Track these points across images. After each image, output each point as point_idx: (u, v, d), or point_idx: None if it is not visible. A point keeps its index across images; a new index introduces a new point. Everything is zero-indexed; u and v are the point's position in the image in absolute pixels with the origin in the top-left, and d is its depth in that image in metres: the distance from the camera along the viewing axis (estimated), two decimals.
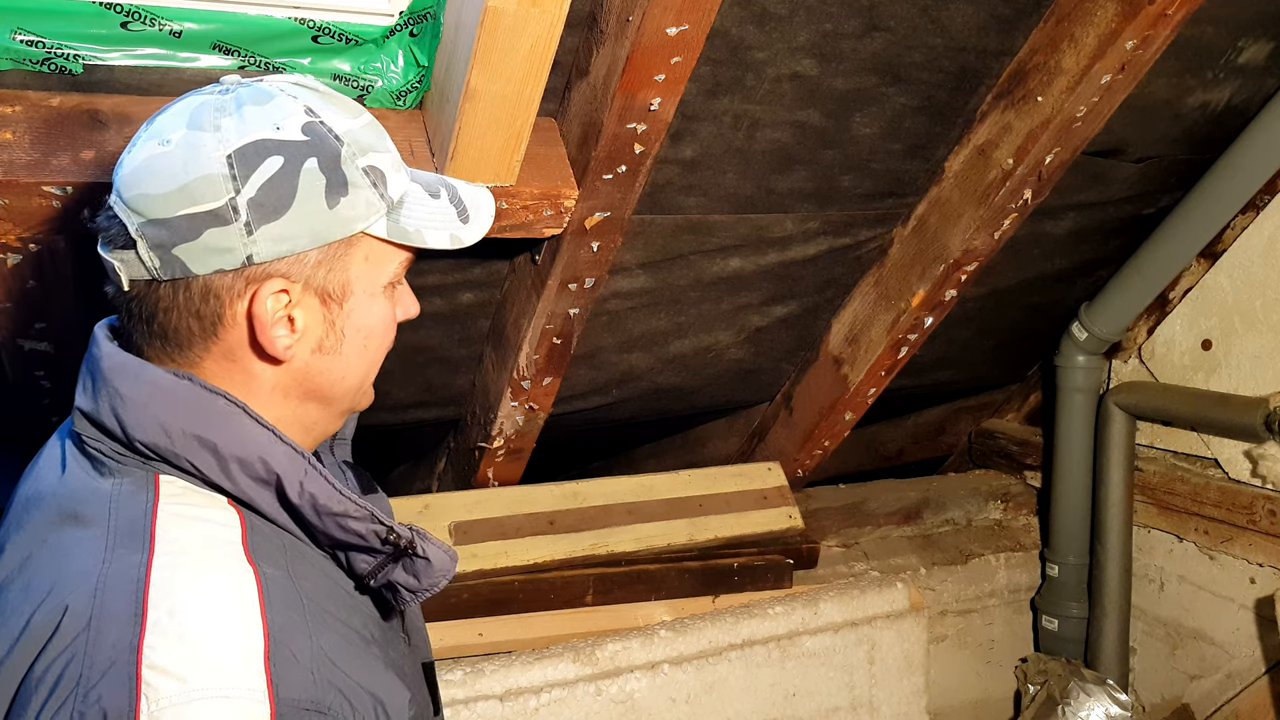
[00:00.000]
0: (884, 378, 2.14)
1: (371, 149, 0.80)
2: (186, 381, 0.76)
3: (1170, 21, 1.54)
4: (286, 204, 0.75)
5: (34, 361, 1.40)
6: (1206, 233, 2.18)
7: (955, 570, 2.58)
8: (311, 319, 0.79)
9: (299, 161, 0.76)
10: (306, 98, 0.80)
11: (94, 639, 0.67)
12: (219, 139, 0.75)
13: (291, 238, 0.76)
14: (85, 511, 0.75)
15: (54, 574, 0.72)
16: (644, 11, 1.21)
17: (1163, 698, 2.55)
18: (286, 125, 0.76)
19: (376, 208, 0.79)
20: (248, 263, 0.75)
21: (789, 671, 2.12)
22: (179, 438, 0.75)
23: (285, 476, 0.76)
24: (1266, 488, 2.26)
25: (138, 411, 0.75)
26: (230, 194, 0.74)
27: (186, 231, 0.74)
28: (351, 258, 0.80)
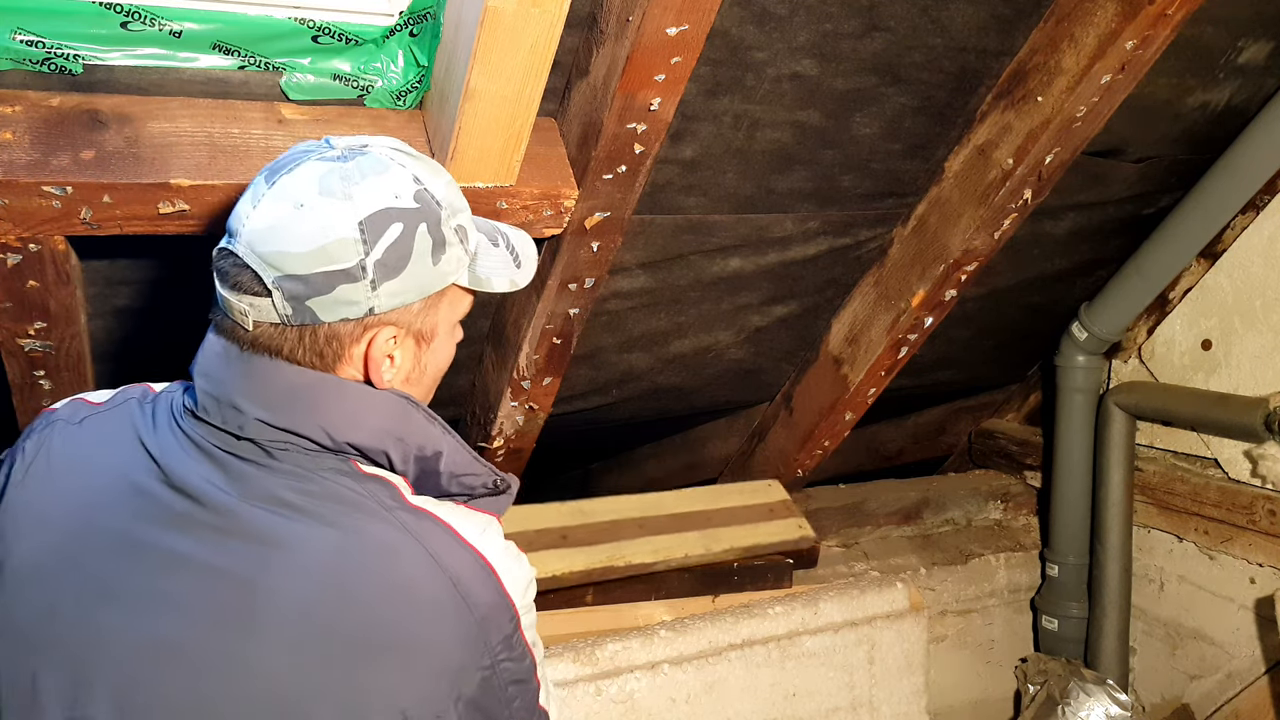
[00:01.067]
0: (884, 378, 2.14)
1: (459, 210, 0.94)
2: (383, 394, 0.92)
3: (1170, 21, 1.54)
4: (404, 264, 0.88)
5: (34, 361, 1.40)
6: (1206, 233, 2.18)
7: (955, 570, 2.58)
8: (406, 356, 0.93)
9: (414, 226, 0.88)
10: (412, 166, 0.91)
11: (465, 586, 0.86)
12: (352, 207, 0.86)
13: (405, 292, 0.89)
14: (348, 500, 0.88)
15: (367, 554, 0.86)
16: (644, 11, 1.21)
17: (1163, 698, 2.55)
18: (403, 194, 0.89)
19: (463, 261, 0.94)
20: (369, 314, 0.88)
21: (789, 671, 2.12)
22: (383, 436, 0.90)
23: (444, 453, 0.93)
24: (1266, 488, 2.26)
25: (350, 420, 0.89)
26: (361, 255, 0.86)
27: (321, 286, 0.86)
28: (441, 304, 0.94)
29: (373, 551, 0.86)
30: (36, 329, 1.34)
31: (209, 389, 0.89)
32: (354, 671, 0.83)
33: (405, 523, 0.88)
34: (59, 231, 1.21)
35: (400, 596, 0.85)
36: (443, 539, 0.88)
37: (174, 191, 1.21)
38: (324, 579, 0.84)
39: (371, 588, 0.85)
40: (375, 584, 0.85)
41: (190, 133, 1.23)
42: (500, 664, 0.88)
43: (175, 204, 1.22)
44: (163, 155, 1.21)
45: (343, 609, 0.84)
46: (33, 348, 1.37)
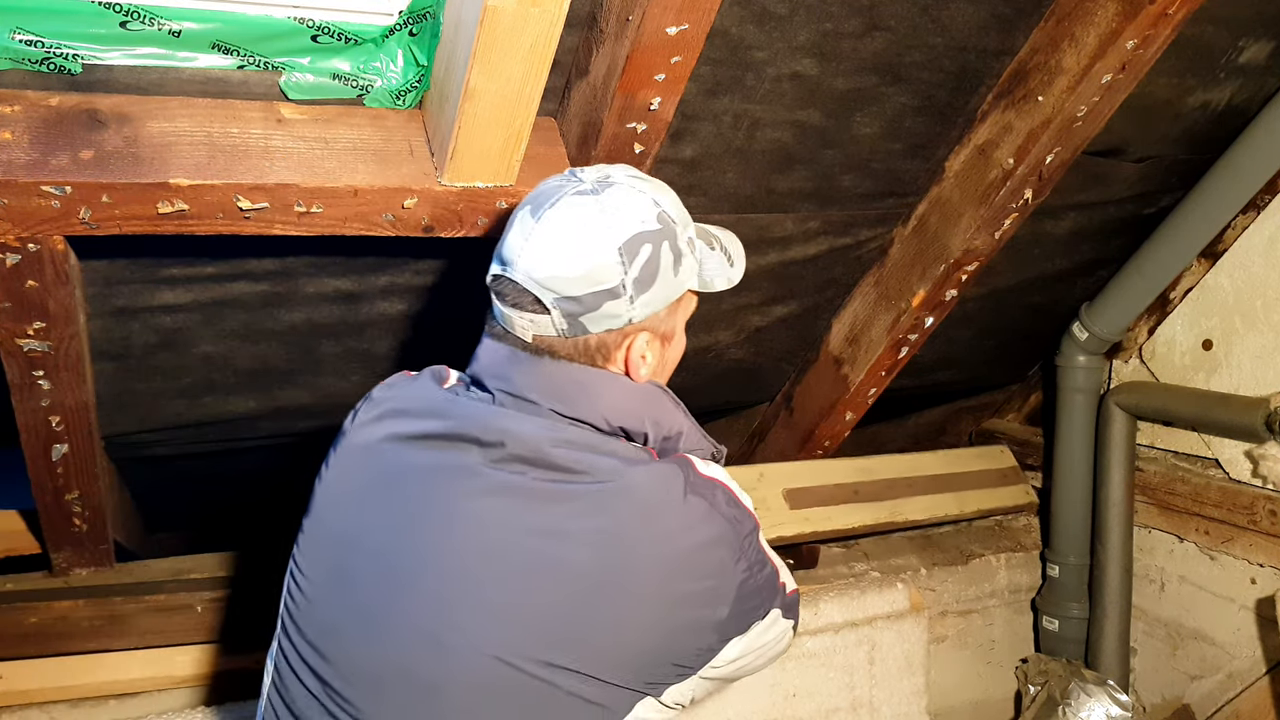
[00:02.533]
0: (884, 378, 2.14)
1: (688, 223, 1.09)
2: (645, 386, 1.09)
3: (1171, 21, 1.53)
4: (654, 278, 1.04)
5: (33, 361, 1.40)
6: (1207, 233, 2.17)
7: (955, 570, 2.57)
8: (654, 354, 1.09)
9: (659, 245, 1.03)
10: (649, 190, 1.06)
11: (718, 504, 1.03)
12: (611, 234, 1.01)
13: (655, 302, 1.05)
14: (626, 455, 1.03)
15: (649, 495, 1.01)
16: (644, 11, 1.21)
17: (1163, 698, 2.55)
18: (648, 218, 1.04)
19: (694, 269, 1.09)
20: (629, 323, 1.05)
21: (789, 672, 2.12)
22: (644, 420, 1.07)
23: (684, 433, 1.11)
24: (1267, 488, 2.26)
25: (622, 408, 1.06)
26: (622, 276, 1.02)
27: (591, 304, 1.02)
28: (680, 308, 1.11)
29: (658, 476, 1.01)
30: (35, 329, 1.34)
31: (504, 387, 1.05)
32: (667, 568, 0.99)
33: (665, 462, 1.04)
34: (58, 231, 1.21)
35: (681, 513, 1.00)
36: (692, 469, 1.04)
37: (173, 191, 1.21)
38: (634, 497, 0.99)
39: (665, 505, 1.00)
40: (667, 500, 1.00)
41: (189, 132, 1.23)
42: (754, 567, 1.03)
43: (174, 204, 1.22)
44: (162, 155, 1.21)
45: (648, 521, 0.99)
46: (32, 348, 1.37)
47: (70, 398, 1.48)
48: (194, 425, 1.77)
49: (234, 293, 1.54)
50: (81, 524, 1.71)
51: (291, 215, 1.28)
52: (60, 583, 1.82)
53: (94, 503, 1.68)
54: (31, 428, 1.50)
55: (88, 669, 1.79)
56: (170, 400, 1.69)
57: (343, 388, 1.80)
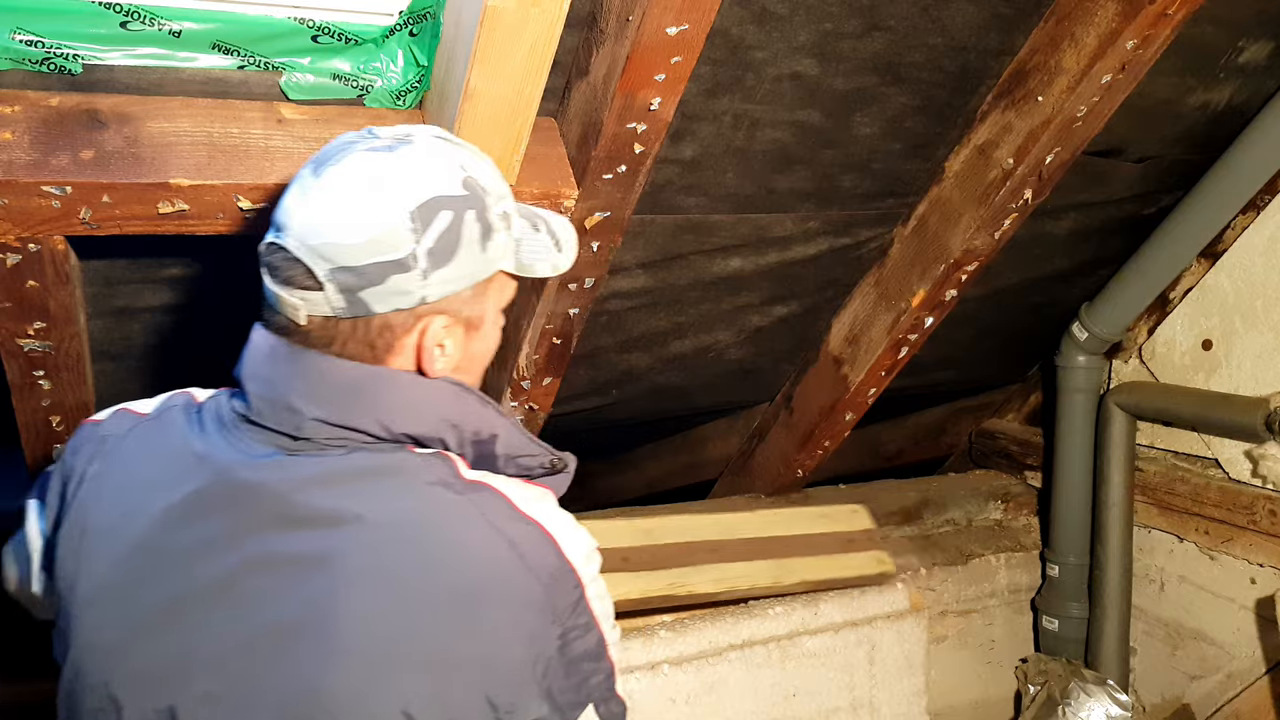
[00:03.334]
0: (884, 378, 2.14)
1: (503, 195, 0.94)
2: (435, 383, 0.91)
3: (1170, 21, 1.53)
4: (454, 252, 0.88)
5: (33, 361, 1.40)
6: (1207, 233, 2.17)
7: (955, 570, 2.57)
8: (456, 344, 0.93)
9: (462, 213, 0.88)
10: (457, 153, 0.92)
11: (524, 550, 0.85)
12: (402, 196, 0.86)
13: (456, 280, 0.89)
14: (394, 469, 0.88)
15: (432, 530, 0.85)
16: (644, 11, 1.21)
17: (1163, 698, 2.55)
18: (450, 182, 0.88)
19: (509, 247, 0.94)
20: (421, 303, 0.88)
21: (789, 672, 2.12)
22: (437, 424, 0.90)
23: (500, 435, 0.93)
24: (1267, 488, 2.26)
25: (403, 410, 0.89)
26: (413, 245, 0.85)
27: (374, 277, 0.85)
28: (490, 292, 0.95)
29: (436, 512, 0.86)
30: (36, 329, 1.34)
31: (261, 391, 0.88)
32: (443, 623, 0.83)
33: (461, 491, 0.87)
34: (58, 231, 1.21)
35: (464, 556, 0.84)
36: (498, 506, 0.87)
37: (173, 191, 1.21)
38: (395, 540, 0.83)
39: (440, 547, 0.84)
40: (442, 544, 0.84)
41: (190, 132, 1.23)
42: (570, 634, 0.87)
43: (175, 204, 1.22)
44: (162, 155, 1.21)
45: (420, 569, 0.83)
46: (32, 348, 1.37)
47: (71, 398, 1.48)
48: None
49: (235, 293, 1.54)
50: None
51: None
52: None
53: None
54: (32, 428, 1.50)
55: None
56: None
57: None
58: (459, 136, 1.27)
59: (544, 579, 0.85)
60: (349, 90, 1.31)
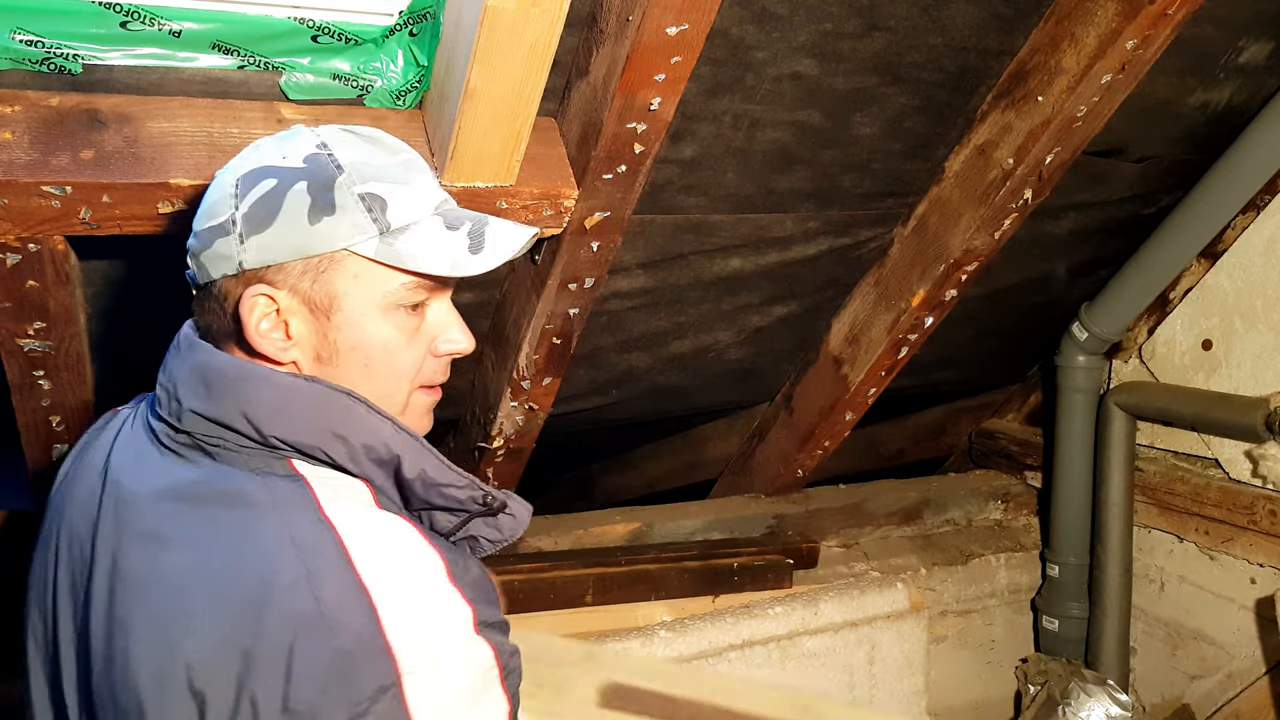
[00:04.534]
0: (884, 378, 2.14)
1: (376, 179, 0.88)
2: (314, 384, 0.86)
3: (1170, 21, 1.53)
4: (271, 218, 0.85)
5: (33, 361, 1.40)
6: (1207, 233, 2.17)
7: (955, 570, 2.57)
8: (305, 329, 0.88)
9: (289, 183, 0.86)
10: (330, 135, 0.90)
11: (316, 585, 0.76)
12: (236, 165, 0.89)
13: (273, 248, 0.85)
14: (241, 493, 0.83)
15: (242, 552, 0.79)
16: (644, 11, 1.21)
17: (1163, 698, 2.55)
18: (291, 154, 0.88)
19: (365, 230, 0.87)
20: (240, 268, 0.86)
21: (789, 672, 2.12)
22: (316, 432, 0.85)
23: (404, 456, 0.87)
24: (1267, 488, 2.26)
25: (273, 411, 0.84)
26: (232, 209, 0.86)
27: (206, 241, 0.88)
28: (336, 272, 0.87)
29: (244, 553, 0.78)
30: (36, 329, 1.34)
31: (162, 380, 0.90)
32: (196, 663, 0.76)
33: (297, 533, 0.79)
34: (58, 231, 1.21)
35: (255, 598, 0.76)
36: (328, 558, 0.77)
37: (173, 191, 1.21)
38: (194, 575, 0.79)
39: (230, 589, 0.77)
40: (234, 587, 0.77)
41: (190, 132, 1.23)
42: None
43: (175, 204, 1.22)
44: (162, 155, 1.21)
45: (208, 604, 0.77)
46: (32, 348, 1.37)
47: (70, 398, 1.48)
48: None
49: None
50: None
51: None
52: None
53: None
54: (31, 428, 1.50)
55: None
56: None
57: None
58: (459, 136, 1.28)
59: (342, 643, 0.74)
60: (349, 90, 1.31)
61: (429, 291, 0.92)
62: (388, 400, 0.91)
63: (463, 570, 0.83)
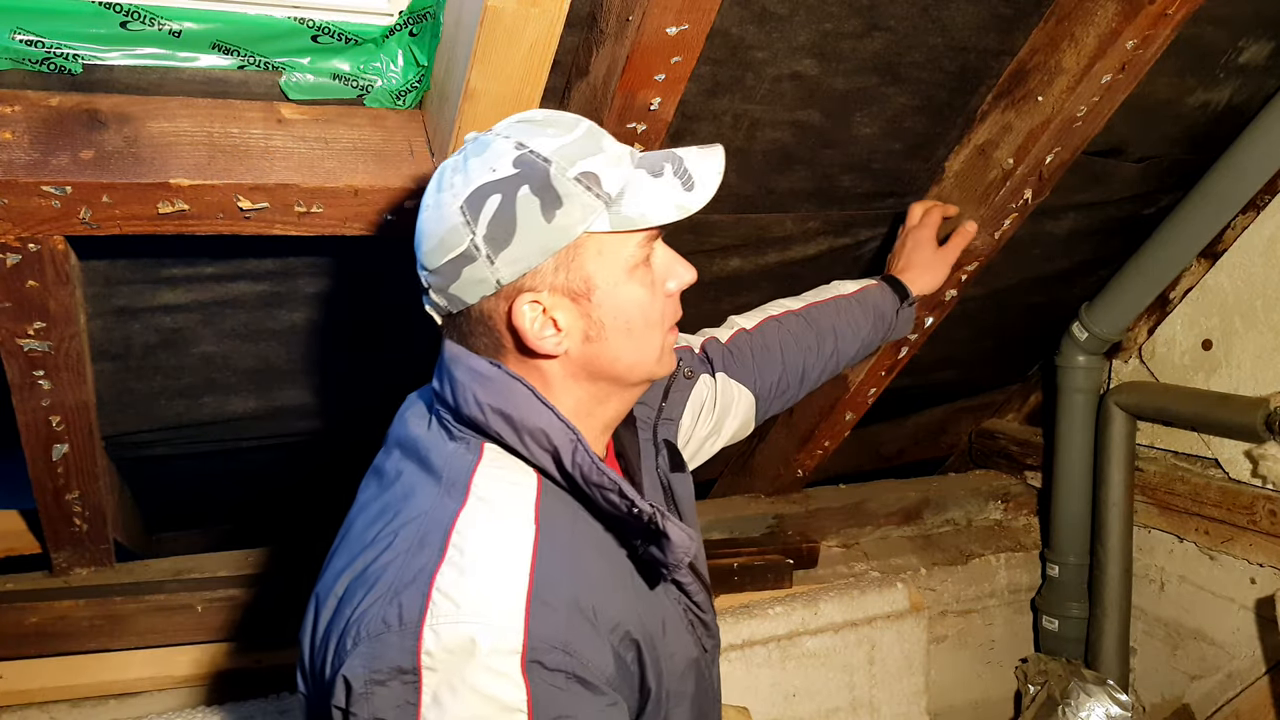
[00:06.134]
0: (884, 378, 2.14)
1: (581, 156, 0.94)
2: (496, 367, 0.95)
3: (1170, 21, 1.53)
4: (511, 231, 0.91)
5: (33, 361, 1.40)
6: (1207, 233, 2.17)
7: (955, 570, 2.57)
8: (570, 317, 0.95)
9: (514, 192, 0.91)
10: (519, 132, 0.94)
11: (410, 558, 0.86)
12: (454, 195, 0.93)
13: (525, 257, 0.92)
14: (431, 460, 0.95)
15: (401, 503, 0.92)
16: (644, 11, 1.21)
17: (1163, 698, 2.55)
18: (500, 165, 0.92)
19: (593, 208, 0.93)
20: (499, 285, 0.93)
21: (789, 672, 2.13)
22: (489, 412, 0.93)
23: (560, 449, 0.92)
24: (1267, 488, 2.26)
25: (463, 390, 0.94)
26: (470, 236, 0.91)
27: (452, 274, 0.93)
28: (583, 256, 0.94)
29: (397, 501, 0.94)
30: (36, 329, 1.34)
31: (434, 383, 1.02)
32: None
33: (436, 504, 0.91)
34: (58, 231, 1.21)
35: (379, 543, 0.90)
36: (435, 537, 0.88)
37: (173, 191, 1.21)
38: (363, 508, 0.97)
39: (371, 525, 0.93)
40: (374, 525, 0.93)
41: (190, 132, 1.23)
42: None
43: (175, 204, 1.22)
44: (162, 155, 1.21)
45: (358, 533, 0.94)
46: (32, 348, 1.37)
47: (70, 398, 1.48)
48: (194, 425, 1.77)
49: (234, 293, 1.54)
50: (81, 524, 1.71)
51: (292, 215, 1.28)
52: (60, 583, 1.82)
53: (94, 503, 1.68)
54: (32, 427, 1.50)
55: (88, 669, 1.79)
56: (170, 400, 1.69)
57: (343, 387, 1.80)
58: (460, 136, 1.27)
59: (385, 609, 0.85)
60: (349, 90, 1.31)
61: (651, 240, 0.99)
62: (651, 353, 1.01)
63: (572, 595, 0.88)
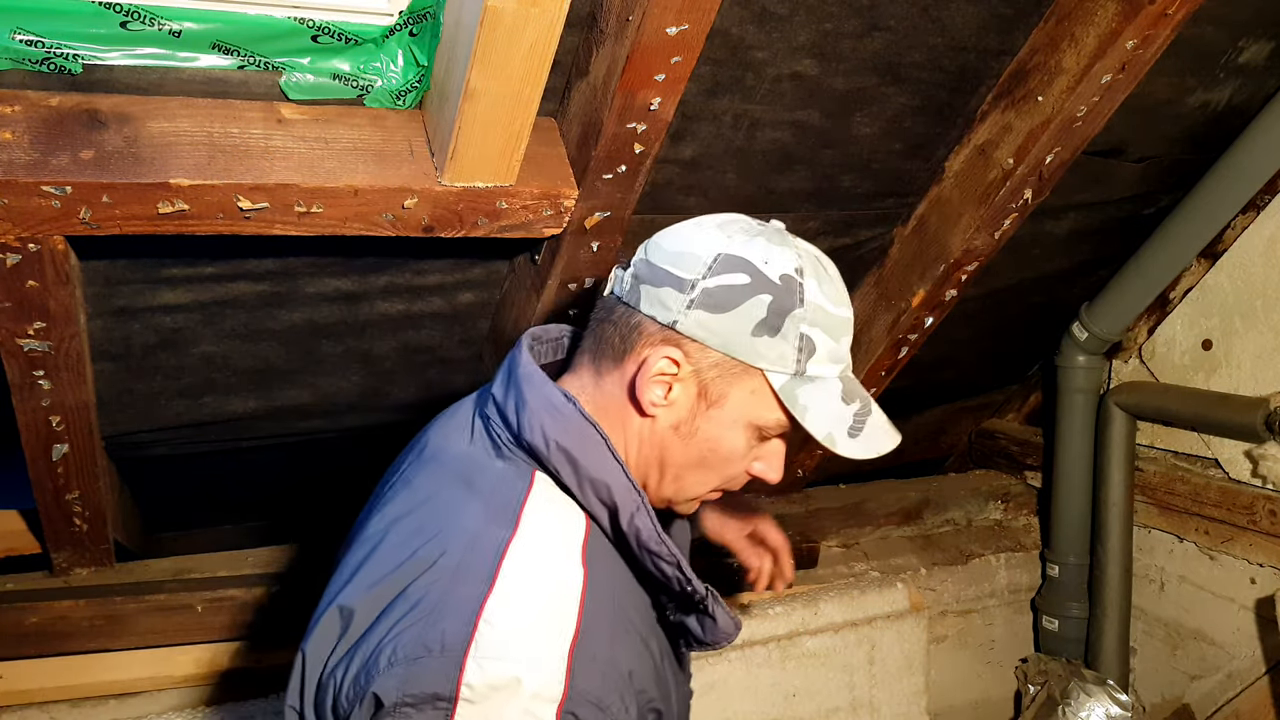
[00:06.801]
0: (884, 378, 2.14)
1: (820, 326, 0.95)
2: (571, 405, 0.93)
3: (1170, 21, 1.53)
4: (725, 309, 0.93)
5: (33, 361, 1.40)
6: (1207, 233, 2.17)
7: (955, 570, 2.57)
8: (684, 400, 0.96)
9: (757, 291, 0.93)
10: (808, 263, 0.97)
11: (455, 583, 0.83)
12: (725, 242, 0.95)
13: (711, 332, 0.93)
14: (476, 481, 0.92)
15: (443, 522, 0.89)
16: (644, 11, 1.21)
17: (1163, 698, 2.55)
18: (773, 266, 0.94)
19: (786, 363, 0.95)
20: (671, 326, 0.94)
21: (789, 672, 2.13)
22: (554, 448, 0.91)
23: (621, 507, 0.91)
24: (1267, 488, 2.26)
25: (530, 416, 0.92)
26: (699, 276, 0.93)
27: (657, 279, 0.95)
28: (742, 382, 0.95)
29: (437, 522, 0.90)
30: (36, 329, 1.34)
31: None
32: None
33: (482, 528, 0.88)
34: (58, 231, 1.21)
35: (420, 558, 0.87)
36: (481, 566, 0.85)
37: (173, 191, 1.21)
38: (397, 523, 0.93)
39: (411, 540, 0.89)
40: (415, 539, 0.89)
41: (190, 132, 1.23)
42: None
43: (175, 204, 1.22)
44: (162, 155, 1.21)
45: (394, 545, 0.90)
46: (32, 348, 1.37)
47: (70, 398, 1.48)
48: (194, 425, 1.77)
49: (234, 293, 1.54)
50: (81, 524, 1.71)
51: (292, 215, 1.28)
52: (60, 583, 1.82)
53: (94, 503, 1.68)
54: (32, 428, 1.50)
55: (88, 669, 1.79)
56: (170, 400, 1.69)
57: (343, 388, 1.80)
58: (459, 136, 1.27)
59: (427, 634, 0.81)
60: (349, 90, 1.31)
61: (783, 430, 1.00)
62: (693, 490, 1.01)
63: (611, 652, 0.86)
